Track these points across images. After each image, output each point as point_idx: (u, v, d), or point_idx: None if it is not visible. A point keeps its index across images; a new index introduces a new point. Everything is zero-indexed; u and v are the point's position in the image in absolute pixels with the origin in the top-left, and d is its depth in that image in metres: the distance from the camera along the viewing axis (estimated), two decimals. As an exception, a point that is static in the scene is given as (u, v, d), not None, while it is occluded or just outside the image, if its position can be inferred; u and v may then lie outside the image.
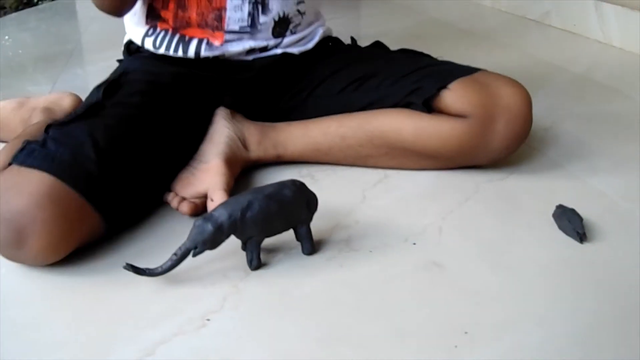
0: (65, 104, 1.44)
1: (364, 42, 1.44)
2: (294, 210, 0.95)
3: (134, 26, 1.32)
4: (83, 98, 1.64)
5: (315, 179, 1.24)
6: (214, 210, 0.91)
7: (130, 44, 1.35)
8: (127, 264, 0.92)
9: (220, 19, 1.22)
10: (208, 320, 0.88)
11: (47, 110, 1.41)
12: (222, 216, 0.90)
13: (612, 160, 1.36)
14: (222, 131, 1.21)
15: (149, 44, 1.27)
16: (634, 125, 1.56)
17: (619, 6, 2.41)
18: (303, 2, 1.29)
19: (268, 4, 1.23)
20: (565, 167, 1.32)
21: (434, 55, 1.39)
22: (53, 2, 4.41)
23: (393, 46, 1.42)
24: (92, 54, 2.44)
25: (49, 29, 3.06)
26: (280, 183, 0.97)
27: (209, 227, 0.89)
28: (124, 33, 1.38)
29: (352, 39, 1.44)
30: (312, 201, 0.98)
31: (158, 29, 1.27)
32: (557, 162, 1.34)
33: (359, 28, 1.53)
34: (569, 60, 2.27)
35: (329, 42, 1.37)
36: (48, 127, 1.07)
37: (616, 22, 2.43)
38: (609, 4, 2.45)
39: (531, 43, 2.56)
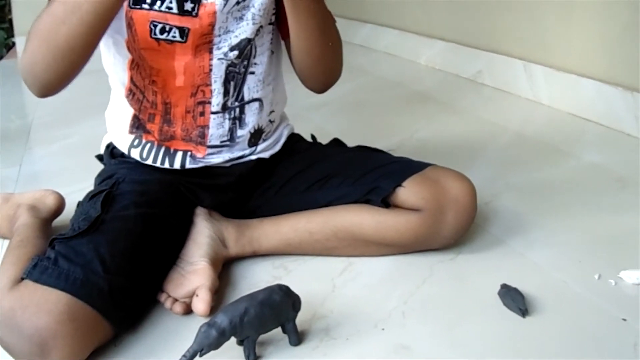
0: (49, 202, 1.53)
1: (308, 112, 1.55)
2: (282, 311, 1.11)
3: (118, 134, 1.44)
4: (52, 181, 1.80)
5: (288, 270, 1.39)
6: (216, 317, 1.06)
7: (113, 148, 1.47)
8: None
9: (203, 135, 1.37)
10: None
11: (33, 208, 1.50)
12: (224, 322, 1.05)
13: (546, 231, 1.55)
14: (203, 232, 1.36)
15: (135, 154, 1.40)
16: (563, 192, 1.76)
17: (546, 67, 2.61)
18: (274, 111, 1.45)
19: (245, 119, 1.38)
20: (506, 242, 1.50)
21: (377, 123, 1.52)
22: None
23: (340, 117, 1.55)
24: (50, 130, 2.50)
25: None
26: (270, 289, 1.12)
27: (213, 332, 1.04)
28: (79, 108, 1.46)
29: (312, 136, 1.60)
30: (297, 302, 1.14)
31: (144, 140, 1.40)
32: (499, 238, 1.51)
33: (302, 97, 1.66)
34: (502, 119, 2.47)
35: (292, 140, 1.53)
36: (53, 241, 1.19)
37: (544, 82, 2.63)
38: (536, 65, 2.66)
39: (466, 101, 2.75)
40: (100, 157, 1.54)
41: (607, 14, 2.35)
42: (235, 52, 1.31)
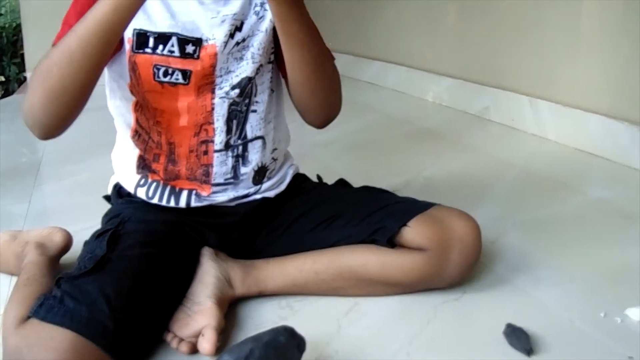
0: (56, 239, 1.55)
1: (315, 150, 1.58)
2: (287, 353, 1.11)
3: (124, 174, 1.46)
4: (61, 218, 1.80)
5: (294, 310, 1.39)
6: (222, 357, 1.06)
7: (120, 188, 1.49)
8: None
9: (207, 173, 1.39)
10: None
11: (40, 246, 1.51)
12: (231, 364, 1.06)
13: (552, 269, 1.55)
14: (210, 272, 1.37)
15: (141, 194, 1.42)
16: (570, 229, 1.76)
17: (552, 102, 2.63)
18: (277, 148, 1.47)
19: (248, 156, 1.41)
20: (512, 281, 1.50)
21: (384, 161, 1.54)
22: (8, 98, 4.49)
23: (346, 155, 1.57)
24: (59, 166, 2.53)
25: (9, 132, 3.16)
26: (275, 330, 1.12)
27: (222, 373, 1.05)
28: (89, 145, 1.47)
29: (318, 177, 1.61)
30: (302, 344, 1.14)
31: (149, 180, 1.42)
32: (504, 277, 1.52)
33: (308, 135, 1.68)
34: (509, 155, 2.49)
35: (298, 180, 1.55)
36: (59, 279, 1.20)
37: (550, 117, 2.64)
38: (542, 101, 2.68)
39: (473, 138, 2.77)
40: (107, 198, 1.56)
41: (612, 50, 2.37)
42: (237, 91, 1.34)
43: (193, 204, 1.41)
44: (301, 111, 1.39)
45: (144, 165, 1.42)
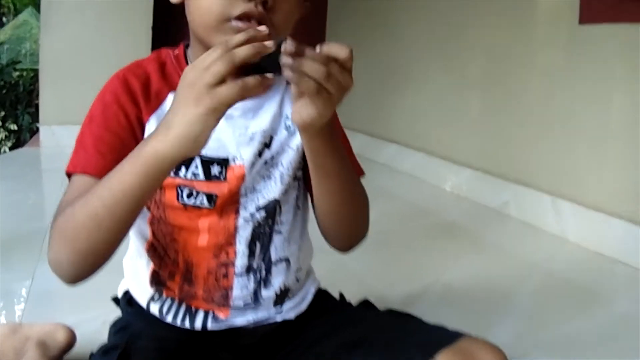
0: (59, 337, 1.49)
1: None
2: None
3: (137, 285, 1.39)
4: (64, 303, 1.77)
5: None
6: None
7: (131, 297, 1.43)
8: None
9: (226, 296, 1.32)
10: None
11: (42, 344, 1.45)
12: None
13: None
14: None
15: (154, 310, 1.36)
16: (594, 349, 1.71)
17: (575, 204, 2.58)
18: (301, 268, 1.41)
19: (271, 280, 1.34)
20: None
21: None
22: (19, 150, 4.46)
23: (363, 253, 1.50)
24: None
25: (15, 193, 3.08)
26: None
27: None
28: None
29: (341, 295, 1.55)
30: None
31: (164, 296, 1.35)
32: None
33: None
34: (529, 256, 2.45)
35: (320, 298, 1.48)
36: None
37: (572, 218, 2.60)
38: (565, 201, 2.63)
39: (493, 235, 2.72)
40: (116, 300, 1.50)
41: None
42: (263, 214, 1.29)
43: (210, 326, 1.34)
44: (326, 236, 1.34)
45: (158, 281, 1.35)
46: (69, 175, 1.16)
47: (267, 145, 1.25)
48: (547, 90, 2.81)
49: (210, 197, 1.23)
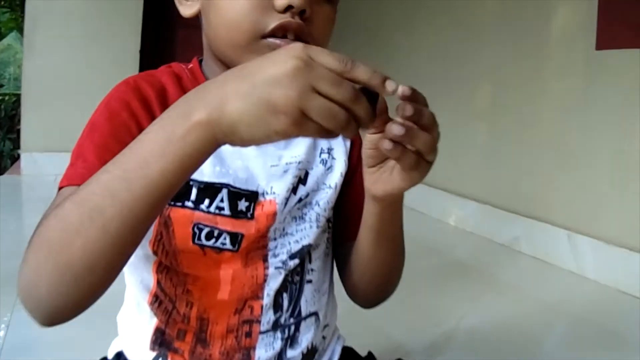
0: None
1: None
2: None
3: (134, 345, 1.14)
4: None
5: None
6: None
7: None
8: None
9: (248, 357, 1.08)
10: None
11: None
12: None
13: None
14: None
15: (156, 378, 1.15)
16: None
17: (593, 239, 2.45)
18: (328, 325, 1.22)
19: (298, 337, 1.12)
20: None
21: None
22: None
23: None
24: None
25: None
26: None
27: None
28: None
29: (370, 354, 1.37)
30: None
31: None
32: None
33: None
34: (546, 296, 2.30)
35: (346, 357, 1.30)
36: None
37: (591, 254, 2.47)
38: (582, 236, 2.50)
39: (505, 274, 2.58)
40: (106, 362, 1.27)
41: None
42: (296, 261, 1.08)
43: (227, 397, 1.13)
44: (355, 292, 1.16)
45: (162, 341, 1.10)
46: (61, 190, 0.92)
47: (302, 180, 1.05)
48: (562, 119, 2.68)
49: (234, 238, 1.01)
